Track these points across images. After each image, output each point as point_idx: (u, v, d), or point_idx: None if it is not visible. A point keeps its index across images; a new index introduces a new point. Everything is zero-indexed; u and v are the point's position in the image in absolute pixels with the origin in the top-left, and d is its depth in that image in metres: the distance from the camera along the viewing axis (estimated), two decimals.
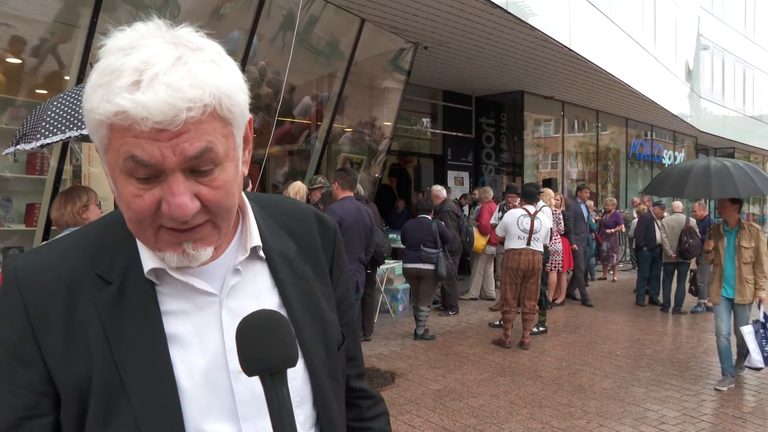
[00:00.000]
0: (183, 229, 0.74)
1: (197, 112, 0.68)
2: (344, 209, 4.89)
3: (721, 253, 5.32)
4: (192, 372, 0.78)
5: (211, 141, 0.71)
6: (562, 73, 10.23)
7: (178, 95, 0.67)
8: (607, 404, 4.85)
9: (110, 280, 0.78)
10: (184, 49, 0.71)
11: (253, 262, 0.87)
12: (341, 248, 1.02)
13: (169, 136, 0.68)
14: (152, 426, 0.74)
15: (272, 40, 6.48)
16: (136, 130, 0.67)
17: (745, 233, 5.24)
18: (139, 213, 0.72)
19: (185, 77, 0.68)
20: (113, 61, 0.69)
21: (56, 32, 5.16)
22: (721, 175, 5.34)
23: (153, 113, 0.66)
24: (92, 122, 0.71)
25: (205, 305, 0.82)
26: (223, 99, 0.71)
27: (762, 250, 5.16)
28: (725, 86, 18.73)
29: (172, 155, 0.69)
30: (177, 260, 0.76)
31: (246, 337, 0.71)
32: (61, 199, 3.25)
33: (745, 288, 5.18)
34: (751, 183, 5.27)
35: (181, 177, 0.71)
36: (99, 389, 0.75)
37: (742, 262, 5.19)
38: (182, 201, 0.70)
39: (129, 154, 0.69)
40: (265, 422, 0.80)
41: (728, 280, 5.26)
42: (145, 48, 0.69)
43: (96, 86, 0.69)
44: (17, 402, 0.76)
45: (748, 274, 5.20)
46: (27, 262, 0.80)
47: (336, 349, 0.93)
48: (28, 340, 0.76)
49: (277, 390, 0.71)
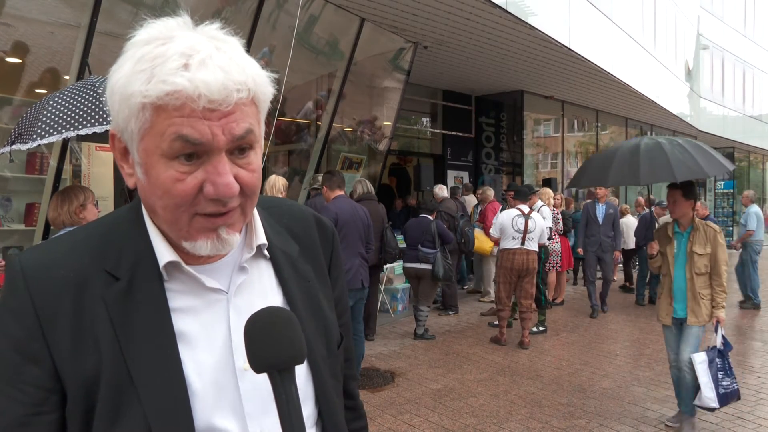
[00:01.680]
0: (221, 213, 0.75)
1: (244, 94, 0.72)
2: (338, 207, 4.92)
3: (670, 261, 4.22)
4: (200, 369, 0.79)
5: (252, 123, 0.75)
6: (561, 72, 10.23)
7: (230, 77, 0.71)
8: (607, 404, 4.85)
9: (119, 276, 0.78)
10: (218, 42, 0.74)
11: (258, 261, 0.88)
12: (339, 249, 1.03)
13: (219, 115, 0.71)
14: (162, 423, 0.74)
15: (272, 39, 6.48)
16: (187, 108, 0.70)
17: (699, 236, 4.09)
18: (179, 197, 0.73)
19: (230, 62, 0.72)
20: (151, 49, 0.71)
21: (56, 32, 5.16)
22: (652, 156, 4.15)
23: (211, 90, 0.69)
24: (132, 107, 0.71)
25: (213, 303, 0.82)
26: (259, 87, 0.76)
27: (720, 258, 4.04)
28: (725, 86, 18.73)
29: (221, 134, 0.72)
30: (210, 247, 0.77)
31: (255, 334, 0.71)
32: (58, 199, 3.20)
33: (699, 306, 4.07)
34: (692, 163, 4.03)
35: (225, 157, 0.74)
36: (108, 385, 0.74)
37: (695, 273, 4.08)
38: (229, 180, 0.73)
39: (178, 134, 0.70)
40: (270, 420, 0.80)
41: (679, 296, 4.17)
42: (183, 38, 0.72)
43: (135, 72, 0.71)
44: (25, 399, 0.75)
45: (703, 288, 4.08)
46: (34, 259, 0.80)
47: (336, 348, 0.94)
48: (36, 337, 0.75)
49: (286, 387, 0.71)
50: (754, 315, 8.73)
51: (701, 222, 4.15)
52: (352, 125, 8.66)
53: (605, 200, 8.53)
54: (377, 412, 4.60)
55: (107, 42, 4.90)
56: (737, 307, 9.33)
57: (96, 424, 0.75)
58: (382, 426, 4.33)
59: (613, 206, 8.65)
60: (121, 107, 0.73)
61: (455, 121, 11.77)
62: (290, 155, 8.13)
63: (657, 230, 4.49)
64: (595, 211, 8.52)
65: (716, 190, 21.96)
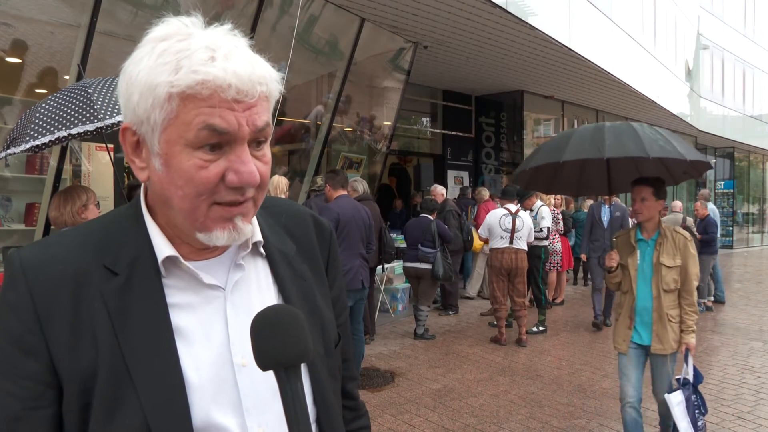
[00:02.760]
0: (239, 202, 0.77)
1: (265, 88, 0.76)
2: (340, 207, 4.92)
3: (632, 275, 3.47)
4: (198, 365, 0.79)
5: (268, 117, 0.78)
6: (561, 72, 10.23)
7: (254, 71, 0.74)
8: (607, 404, 4.85)
9: (117, 271, 0.79)
10: (234, 41, 0.76)
11: (255, 259, 0.89)
12: (336, 250, 1.04)
13: (244, 107, 0.74)
14: (159, 418, 0.74)
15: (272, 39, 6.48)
16: (216, 98, 0.72)
17: (667, 244, 3.37)
18: (202, 185, 0.74)
19: (252, 58, 0.76)
20: (172, 44, 0.73)
21: (56, 32, 5.16)
22: (619, 131, 3.51)
23: (241, 80, 0.72)
24: (157, 97, 0.73)
25: (211, 299, 0.83)
26: (272, 84, 0.79)
27: (691, 271, 3.34)
28: (725, 86, 18.73)
29: (245, 125, 0.74)
30: (227, 237, 0.78)
31: (261, 332, 0.71)
32: (60, 199, 3.21)
33: (666, 330, 3.35)
34: (664, 142, 3.42)
35: (247, 147, 0.76)
36: (105, 380, 0.75)
37: (662, 289, 3.35)
38: (253, 168, 0.76)
39: (205, 124, 0.72)
40: (269, 416, 0.81)
41: (642, 317, 3.43)
42: (202, 34, 0.75)
43: (159, 65, 0.72)
44: (21, 393, 0.76)
45: (672, 308, 3.37)
46: (33, 254, 0.80)
47: (333, 347, 0.95)
48: (34, 331, 0.76)
49: (292, 384, 0.71)
50: (754, 315, 8.73)
51: (669, 228, 3.45)
52: (352, 125, 8.66)
53: (612, 202, 7.60)
54: (377, 412, 4.60)
55: (107, 42, 4.90)
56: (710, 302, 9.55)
57: (93, 418, 0.75)
58: (382, 426, 4.33)
59: (621, 208, 7.73)
60: (141, 98, 0.74)
61: (455, 121, 11.77)
62: (290, 155, 8.13)
63: (617, 237, 3.71)
64: (600, 214, 7.72)
65: (716, 190, 21.97)
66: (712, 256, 8.86)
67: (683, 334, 3.35)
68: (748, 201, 23.06)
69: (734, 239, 21.02)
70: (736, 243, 21.16)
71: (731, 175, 22.01)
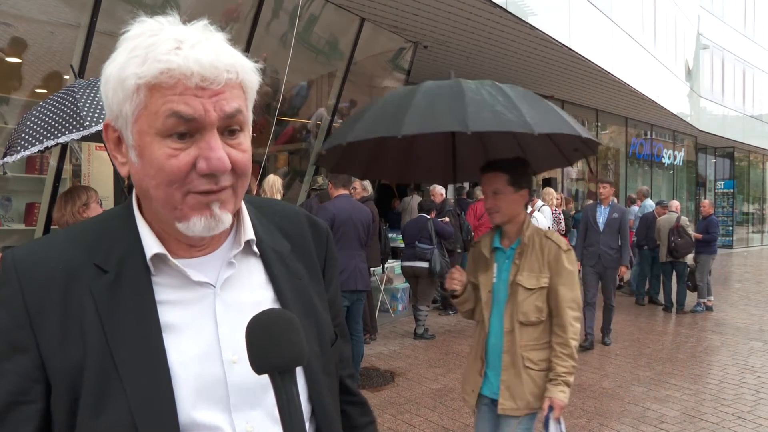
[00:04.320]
0: (213, 191, 0.77)
1: (233, 75, 0.76)
2: (336, 206, 4.92)
3: (483, 299, 2.47)
4: (185, 360, 0.79)
5: (241, 105, 0.78)
6: (561, 72, 10.23)
7: (220, 58, 0.75)
8: (607, 403, 4.85)
9: (107, 269, 0.80)
10: (206, 33, 0.78)
11: (248, 257, 0.89)
12: (334, 250, 1.04)
13: (210, 93, 0.74)
14: (145, 413, 0.75)
15: (272, 39, 6.48)
16: (181, 86, 0.73)
17: (531, 256, 2.37)
18: (172, 174, 0.75)
19: (220, 47, 0.77)
20: (144, 39, 0.75)
21: (56, 32, 5.15)
22: (479, 100, 2.31)
23: (204, 67, 0.73)
24: (126, 90, 0.74)
25: (200, 296, 0.83)
26: (246, 73, 0.79)
27: (563, 295, 2.31)
28: (725, 85, 18.73)
29: (212, 110, 0.75)
30: (204, 225, 0.78)
31: (256, 336, 0.71)
32: (62, 200, 3.29)
33: (521, 380, 2.33)
34: (512, 113, 2.29)
35: (217, 134, 0.76)
36: (93, 376, 0.75)
37: (517, 321, 2.34)
38: (221, 154, 0.75)
39: (171, 111, 0.73)
40: (256, 412, 0.82)
41: (492, 360, 2.43)
42: (173, 29, 0.76)
43: (129, 59, 0.74)
44: (9, 387, 0.76)
45: (532, 349, 2.35)
46: (26, 253, 0.82)
47: (329, 345, 0.95)
48: (23, 326, 0.77)
49: (287, 388, 0.71)
50: (754, 315, 8.73)
51: (538, 232, 2.42)
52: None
53: (609, 201, 6.80)
54: (377, 412, 4.60)
55: (107, 42, 4.90)
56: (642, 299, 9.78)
57: (80, 414, 0.75)
58: (382, 426, 4.34)
59: (620, 209, 6.82)
60: (115, 93, 0.75)
61: None
62: (290, 155, 8.13)
63: (473, 246, 2.67)
64: (595, 216, 6.76)
65: (716, 190, 21.98)
66: (711, 256, 8.86)
67: (549, 385, 2.28)
68: (748, 201, 23.06)
69: (734, 239, 21.02)
70: (736, 243, 21.16)
71: (731, 175, 22.01)
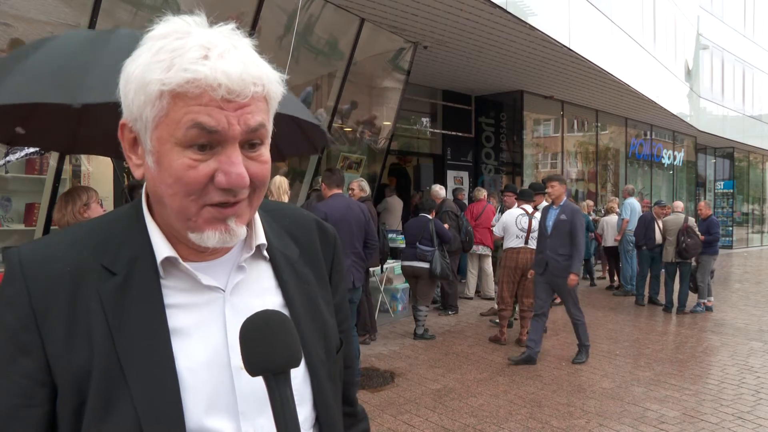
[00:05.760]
0: (230, 203, 0.76)
1: (260, 88, 0.74)
2: (329, 206, 4.91)
3: None
4: (193, 366, 0.78)
5: (264, 118, 0.77)
6: (561, 72, 10.23)
7: (248, 70, 0.73)
8: (607, 404, 4.85)
9: (115, 271, 0.78)
10: (233, 39, 0.76)
11: (258, 262, 0.88)
12: (341, 255, 1.03)
13: (235, 106, 0.73)
14: (152, 419, 0.74)
15: (272, 39, 6.48)
16: (206, 97, 0.71)
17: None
18: (190, 185, 0.73)
19: (247, 57, 0.74)
20: (169, 42, 0.73)
21: (56, 32, 5.15)
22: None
23: (231, 80, 0.71)
24: (149, 95, 0.72)
25: (209, 300, 0.82)
26: (272, 85, 0.78)
27: None
28: (725, 86, 18.73)
29: (236, 124, 0.73)
30: (218, 238, 0.77)
31: (249, 338, 0.71)
32: (62, 200, 3.28)
33: None
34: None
35: (239, 148, 0.75)
36: (99, 380, 0.74)
37: None
38: (242, 170, 0.74)
39: (194, 122, 0.71)
40: (265, 420, 0.80)
41: None
42: (200, 33, 0.74)
43: (153, 62, 0.72)
44: (15, 390, 0.75)
45: None
46: (32, 252, 0.80)
47: (335, 352, 0.94)
48: (29, 328, 0.75)
49: (281, 390, 0.71)
50: (754, 315, 8.73)
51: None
52: (352, 125, 8.66)
53: (561, 201, 5.93)
54: (377, 412, 4.60)
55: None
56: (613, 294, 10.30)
57: (86, 418, 0.74)
58: (382, 426, 4.33)
59: (569, 210, 5.87)
60: (136, 95, 0.74)
61: (455, 121, 11.77)
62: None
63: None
64: (546, 218, 6.04)
65: (716, 190, 21.98)
66: (713, 257, 8.87)
67: None
68: (747, 201, 23.05)
69: (734, 239, 21.01)
70: (736, 243, 21.16)
71: (731, 175, 22.00)
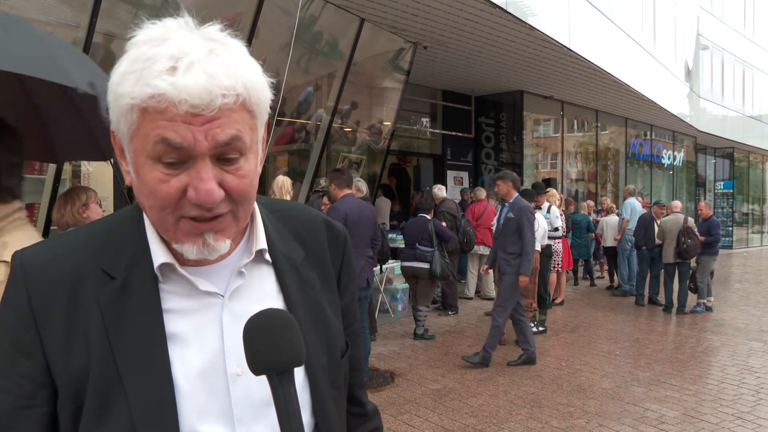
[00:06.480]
0: (206, 218, 0.74)
1: (231, 99, 0.71)
2: (347, 206, 4.88)
3: None
4: (189, 372, 0.78)
5: (240, 130, 0.73)
6: (561, 72, 10.23)
7: (215, 81, 0.69)
8: (607, 404, 4.85)
9: (114, 275, 0.79)
10: (215, 44, 0.73)
11: (260, 266, 0.87)
12: (351, 256, 1.00)
13: (202, 120, 0.70)
14: (147, 423, 0.74)
15: (272, 39, 6.48)
16: (170, 113, 0.69)
17: None
18: (163, 199, 0.73)
19: (220, 67, 0.71)
20: (145, 50, 0.71)
21: (56, 32, 5.15)
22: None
23: (192, 95, 0.68)
24: (122, 108, 0.72)
25: (208, 306, 0.81)
26: (252, 92, 0.74)
27: None
28: (725, 86, 18.74)
29: (203, 139, 0.71)
30: (196, 252, 0.76)
31: (253, 336, 0.71)
32: (61, 201, 3.29)
33: None
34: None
35: (209, 163, 0.72)
36: (96, 383, 0.75)
37: None
38: (210, 186, 0.72)
39: (160, 137, 0.70)
40: (261, 427, 0.80)
41: None
42: (178, 39, 0.71)
43: (127, 73, 0.71)
44: (15, 391, 0.76)
45: None
46: (34, 255, 0.81)
47: (339, 357, 0.92)
48: (29, 330, 0.76)
49: (285, 389, 0.70)
50: (754, 315, 8.73)
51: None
52: (352, 125, 8.66)
53: (510, 198, 5.80)
54: None
55: (107, 42, 4.90)
56: (611, 294, 10.27)
57: (83, 421, 0.75)
58: None
59: (517, 208, 5.71)
60: (113, 106, 0.74)
61: (455, 122, 11.77)
62: (290, 156, 8.13)
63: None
64: (499, 216, 5.99)
65: (716, 190, 21.98)
66: (713, 257, 8.88)
67: None
68: (747, 201, 23.05)
69: (734, 239, 21.01)
70: (736, 243, 21.16)
71: (731, 176, 22.01)
